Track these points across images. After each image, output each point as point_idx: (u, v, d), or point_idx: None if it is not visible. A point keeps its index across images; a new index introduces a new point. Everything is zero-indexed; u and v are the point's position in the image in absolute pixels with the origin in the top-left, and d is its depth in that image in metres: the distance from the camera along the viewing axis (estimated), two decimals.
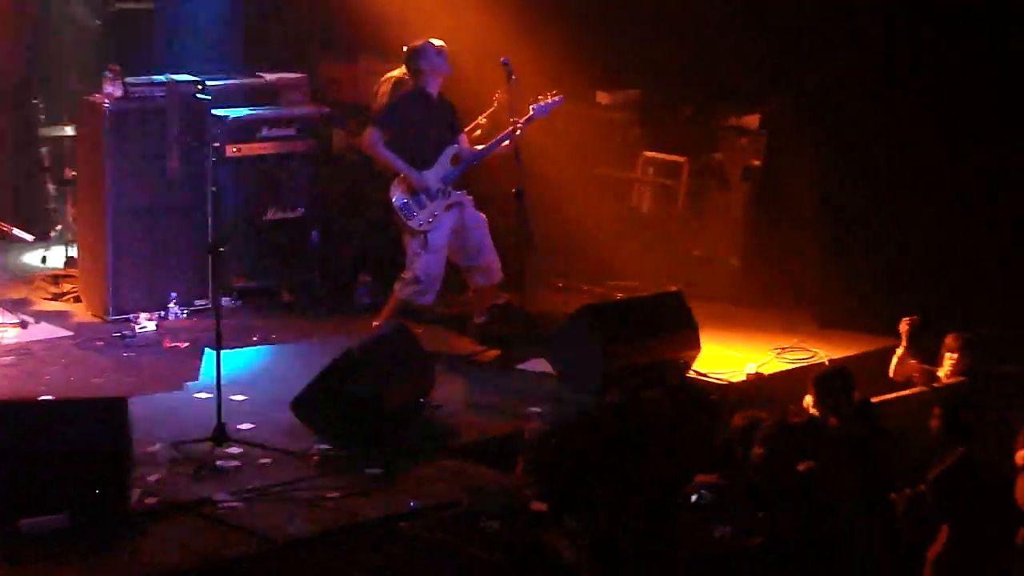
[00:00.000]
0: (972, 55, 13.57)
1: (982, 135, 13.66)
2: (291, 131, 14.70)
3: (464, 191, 13.19)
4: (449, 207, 13.05)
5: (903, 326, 11.92)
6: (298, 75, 15.29)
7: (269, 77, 15.17)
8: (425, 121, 13.05)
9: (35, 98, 15.21)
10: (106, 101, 13.60)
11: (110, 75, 13.63)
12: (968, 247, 13.56)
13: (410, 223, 12.95)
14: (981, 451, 9.62)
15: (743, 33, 14.63)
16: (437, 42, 13.09)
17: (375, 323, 13.14)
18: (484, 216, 13.27)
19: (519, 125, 13.01)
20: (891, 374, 11.88)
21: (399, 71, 13.67)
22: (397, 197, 12.95)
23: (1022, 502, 9.33)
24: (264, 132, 14.55)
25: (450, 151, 13.04)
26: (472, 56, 13.81)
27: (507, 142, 13.14)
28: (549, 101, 13.05)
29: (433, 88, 13.08)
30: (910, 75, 13.86)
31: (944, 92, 13.74)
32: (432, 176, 12.96)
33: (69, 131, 14.61)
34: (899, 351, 11.87)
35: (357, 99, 15.43)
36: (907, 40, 13.88)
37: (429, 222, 12.93)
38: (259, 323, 13.77)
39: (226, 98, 14.41)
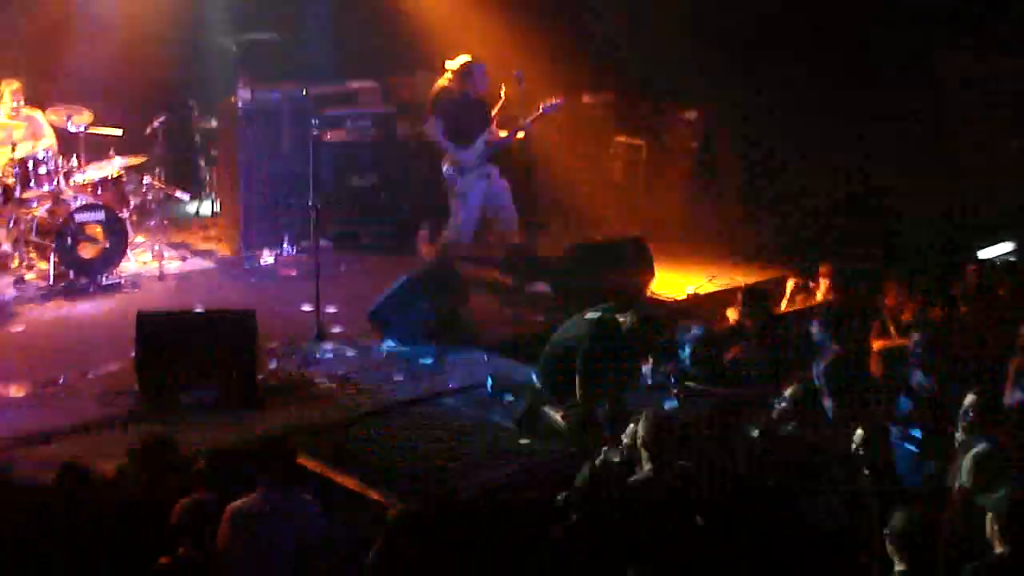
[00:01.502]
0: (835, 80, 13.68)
1: (846, 133, 13.74)
2: (367, 123, 14.71)
3: (493, 164, 13.18)
4: (482, 176, 13.05)
5: (790, 282, 11.98)
6: (372, 83, 15.28)
7: (352, 85, 15.18)
8: (466, 115, 13.02)
9: (190, 100, 15.20)
10: (240, 103, 13.63)
11: (242, 84, 13.67)
12: (838, 208, 13.60)
13: (454, 188, 12.97)
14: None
15: (686, 54, 14.57)
16: (481, 64, 13.13)
17: (428, 257, 13.18)
18: (507, 183, 13.26)
19: (531, 119, 13.02)
20: (783, 308, 11.91)
21: (445, 79, 13.55)
22: (446, 169, 12.97)
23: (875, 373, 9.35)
24: (348, 124, 14.58)
25: (483, 136, 13.02)
26: (492, 65, 13.72)
27: (522, 132, 13.16)
28: (553, 102, 13.01)
29: (473, 94, 13.07)
30: (796, 86, 13.89)
31: (817, 104, 13.81)
32: (470, 155, 12.95)
33: (214, 123, 14.60)
34: (789, 288, 11.93)
35: (414, 101, 15.39)
36: (787, 62, 13.93)
37: (468, 186, 12.94)
38: (345, 258, 13.75)
39: (322, 100, 14.39)
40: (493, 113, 13.11)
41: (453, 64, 13.15)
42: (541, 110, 13.03)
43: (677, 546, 7.06)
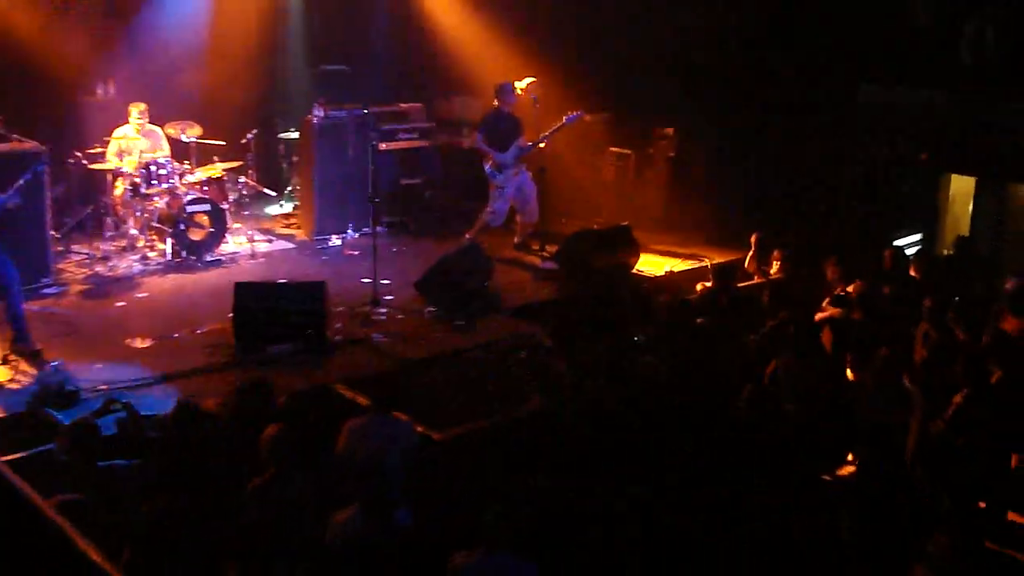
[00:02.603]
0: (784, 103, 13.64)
1: (791, 148, 13.73)
2: (414, 135, 14.71)
3: (524, 166, 13.24)
4: (516, 174, 13.09)
5: (753, 237, 11.92)
6: (419, 105, 15.29)
7: (403, 105, 15.17)
8: (503, 126, 13.10)
9: (276, 117, 15.25)
10: (315, 119, 13.68)
11: (317, 105, 13.71)
12: (791, 206, 13.55)
13: (494, 182, 13.06)
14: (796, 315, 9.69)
15: (666, 83, 14.57)
16: (514, 84, 13.25)
17: (467, 236, 13.21)
18: (535, 185, 13.32)
19: (556, 128, 13.13)
20: (746, 266, 11.88)
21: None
22: (488, 168, 13.09)
23: (826, 343, 9.32)
24: (400, 136, 14.58)
25: (517, 143, 13.08)
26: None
27: (544, 142, 13.24)
28: (574, 114, 13.10)
29: (507, 108, 13.13)
30: (755, 106, 13.87)
31: (768, 124, 13.79)
32: (507, 156, 13.00)
33: (295, 135, 14.63)
34: (750, 254, 11.90)
35: (450, 117, 15.43)
36: (747, 88, 13.90)
37: (506, 181, 13.00)
38: (396, 241, 13.80)
39: (379, 117, 14.40)
40: (548, 132, 13.19)
41: (522, 83, 13.38)
42: (564, 120, 13.10)
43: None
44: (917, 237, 13.36)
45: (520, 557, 5.83)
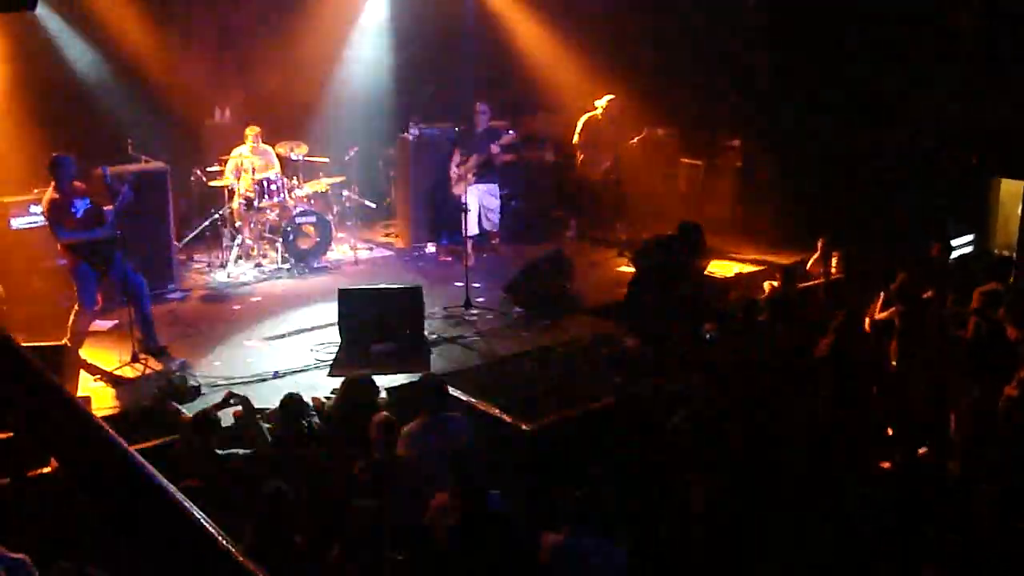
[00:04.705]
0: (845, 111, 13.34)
1: (849, 153, 13.42)
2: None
3: (474, 179, 13.20)
4: (469, 183, 12.91)
5: (820, 241, 11.68)
6: (504, 121, 15.14)
7: (491, 123, 15.10)
8: (469, 142, 13.30)
9: (375, 137, 15.21)
10: (410, 137, 13.68)
11: (412, 124, 13.72)
12: (850, 210, 13.21)
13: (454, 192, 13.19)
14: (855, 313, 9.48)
15: (731, 100, 14.35)
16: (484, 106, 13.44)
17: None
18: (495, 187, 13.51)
19: (501, 142, 13.36)
20: (808, 268, 11.63)
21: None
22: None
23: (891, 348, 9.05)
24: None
25: (475, 155, 13.15)
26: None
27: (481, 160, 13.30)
28: (509, 133, 13.49)
29: (479, 127, 13.29)
30: (816, 119, 13.58)
31: (826, 133, 13.48)
32: (463, 170, 13.11)
33: (392, 152, 14.62)
34: (815, 257, 11.65)
35: (534, 134, 15.29)
36: (808, 102, 13.62)
37: (461, 191, 12.67)
38: (486, 248, 13.70)
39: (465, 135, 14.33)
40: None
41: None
42: (502, 139, 13.31)
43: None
44: (970, 238, 13.03)
45: (606, 537, 5.74)
